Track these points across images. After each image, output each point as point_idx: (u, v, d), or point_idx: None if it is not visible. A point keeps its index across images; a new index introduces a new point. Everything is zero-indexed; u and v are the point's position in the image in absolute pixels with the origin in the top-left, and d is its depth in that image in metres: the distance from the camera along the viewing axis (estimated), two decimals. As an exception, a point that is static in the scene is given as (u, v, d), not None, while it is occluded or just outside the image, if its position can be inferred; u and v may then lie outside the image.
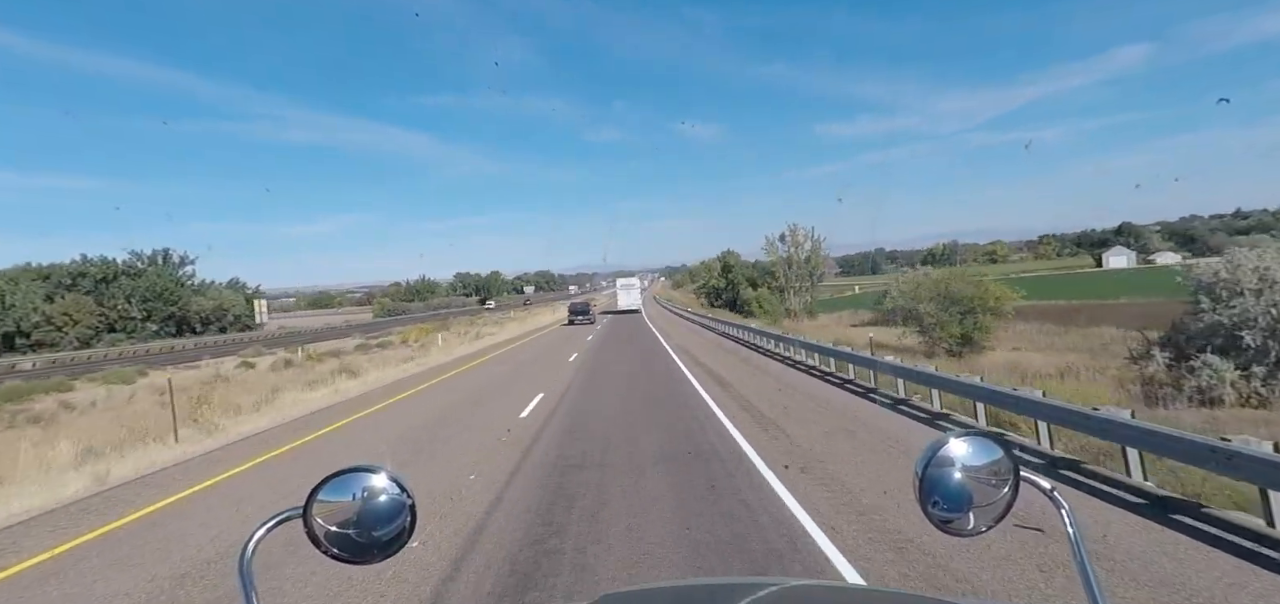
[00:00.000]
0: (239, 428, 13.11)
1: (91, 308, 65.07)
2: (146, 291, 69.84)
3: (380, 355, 30.05)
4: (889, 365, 12.11)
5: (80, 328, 62.91)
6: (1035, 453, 7.50)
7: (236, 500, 7.83)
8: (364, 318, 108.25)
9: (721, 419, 10.41)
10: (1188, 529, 5.05)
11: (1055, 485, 1.11)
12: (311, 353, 36.42)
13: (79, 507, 8.03)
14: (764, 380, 14.98)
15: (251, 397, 17.17)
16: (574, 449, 8.92)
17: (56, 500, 8.32)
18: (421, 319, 79.24)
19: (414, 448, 10.03)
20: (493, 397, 15.01)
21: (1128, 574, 4.36)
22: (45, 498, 8.40)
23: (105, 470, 9.57)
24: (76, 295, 65.02)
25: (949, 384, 9.71)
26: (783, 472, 7.21)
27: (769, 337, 22.63)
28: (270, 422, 13.78)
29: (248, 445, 11.41)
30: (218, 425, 13.08)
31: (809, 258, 59.75)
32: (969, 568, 4.54)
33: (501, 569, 5.01)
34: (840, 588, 2.86)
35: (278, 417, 14.40)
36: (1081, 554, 1.03)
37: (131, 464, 10.11)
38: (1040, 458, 7.34)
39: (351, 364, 24.91)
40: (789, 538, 5.32)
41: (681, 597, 1.59)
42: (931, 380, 10.25)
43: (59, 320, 62.15)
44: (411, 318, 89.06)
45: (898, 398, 11.42)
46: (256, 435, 12.39)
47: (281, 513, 1.06)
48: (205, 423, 13.11)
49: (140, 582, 5.39)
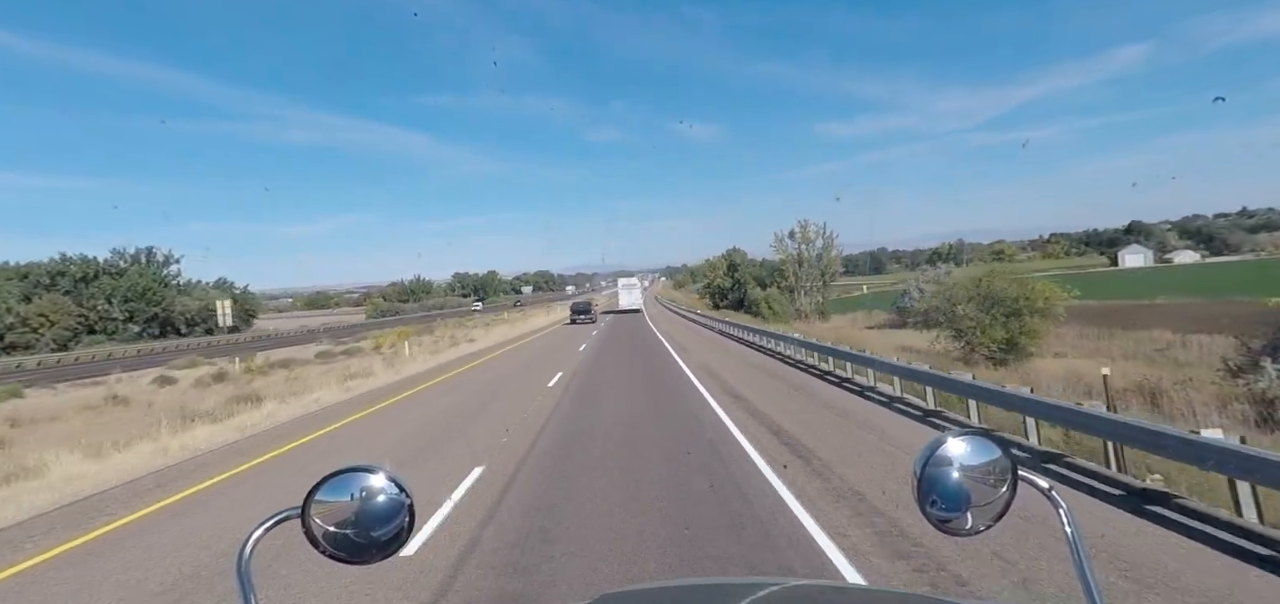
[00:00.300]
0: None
1: (70, 308, 62.43)
2: (128, 291, 67.23)
3: (330, 369, 25.12)
4: (1024, 399, 7.85)
5: (57, 329, 60.27)
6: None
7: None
8: (356, 319, 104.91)
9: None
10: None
11: (1053, 484, 1.11)
12: (254, 365, 31.36)
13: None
14: (854, 433, 8.95)
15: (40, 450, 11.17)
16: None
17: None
18: (412, 320, 75.68)
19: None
20: (410, 463, 8.78)
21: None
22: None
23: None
24: (54, 296, 62.45)
25: (1097, 423, 6.50)
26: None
27: (800, 345, 18.65)
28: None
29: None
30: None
31: (821, 255, 56.79)
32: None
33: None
34: (840, 588, 2.66)
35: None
36: (1079, 553, 1.04)
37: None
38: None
39: (272, 387, 20.19)
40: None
41: (680, 597, 1.57)
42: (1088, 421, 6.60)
43: (35, 322, 59.45)
44: (401, 319, 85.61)
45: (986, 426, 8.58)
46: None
47: (279, 513, 1.06)
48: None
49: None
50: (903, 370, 11.63)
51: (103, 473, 9.68)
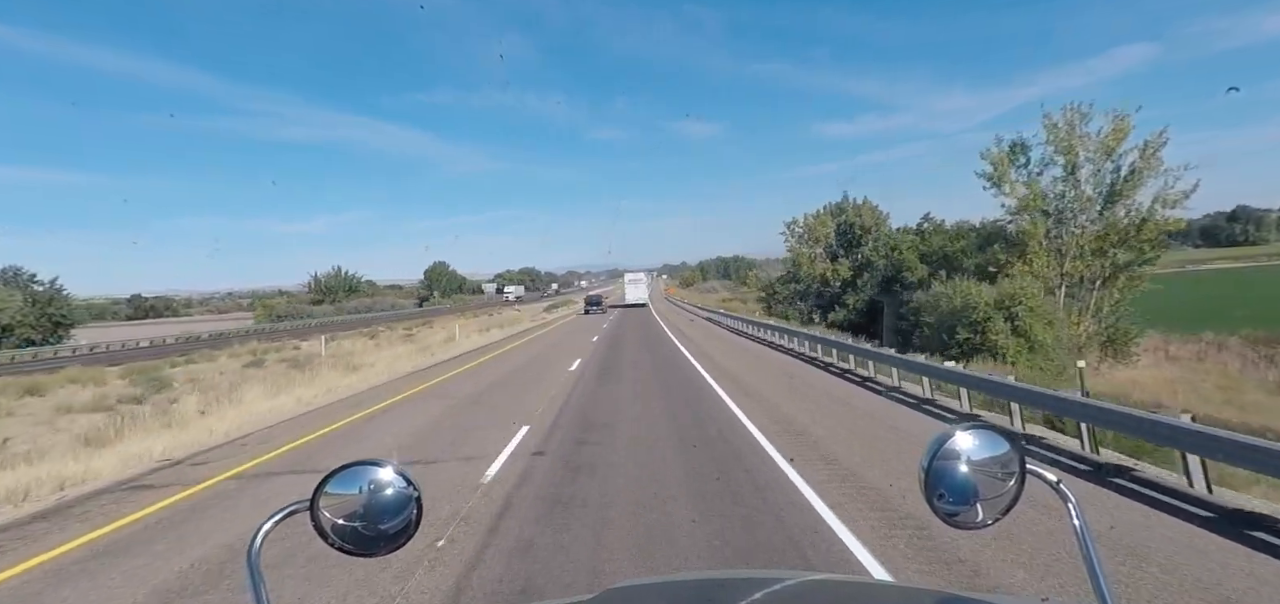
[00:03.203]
0: None
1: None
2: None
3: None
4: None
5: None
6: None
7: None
8: (219, 327, 69.82)
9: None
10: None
11: (1061, 477, 1.09)
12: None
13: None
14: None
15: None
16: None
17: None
18: (310, 330, 56.91)
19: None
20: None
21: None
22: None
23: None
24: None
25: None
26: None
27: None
28: None
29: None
30: None
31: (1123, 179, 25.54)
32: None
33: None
34: (852, 582, 2.29)
35: None
36: (1088, 546, 1.04)
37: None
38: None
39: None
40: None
41: (688, 590, 1.53)
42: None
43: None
44: (290, 329, 61.59)
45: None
46: None
47: (289, 506, 1.07)
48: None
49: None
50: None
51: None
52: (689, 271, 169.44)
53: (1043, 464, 1.51)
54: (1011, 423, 8.94)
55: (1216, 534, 4.94)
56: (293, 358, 29.96)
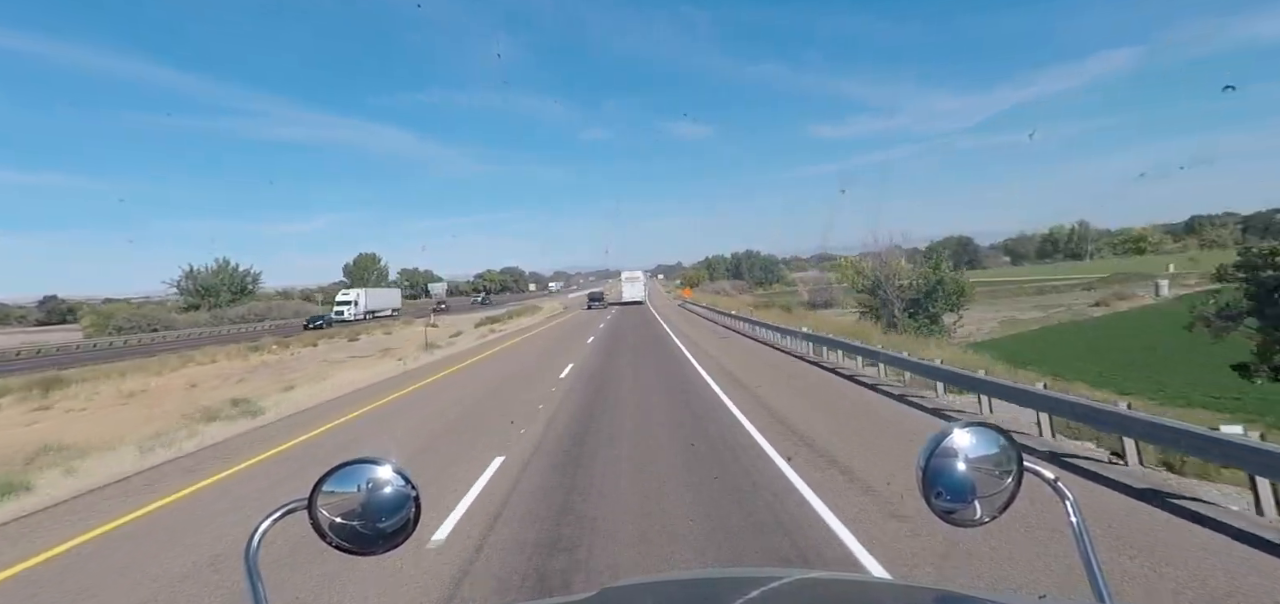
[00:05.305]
0: None
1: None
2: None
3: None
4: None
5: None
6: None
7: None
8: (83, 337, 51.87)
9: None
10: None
11: (1059, 475, 1.08)
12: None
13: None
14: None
15: None
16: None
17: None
18: (122, 351, 40.45)
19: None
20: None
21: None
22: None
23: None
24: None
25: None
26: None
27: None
28: None
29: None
30: None
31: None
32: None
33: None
34: (849, 580, 2.32)
35: None
36: (1085, 544, 1.04)
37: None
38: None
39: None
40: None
41: (685, 589, 1.54)
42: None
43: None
44: (97, 351, 42.53)
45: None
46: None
47: (287, 504, 1.06)
48: None
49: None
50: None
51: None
52: (694, 271, 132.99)
53: (1041, 461, 1.48)
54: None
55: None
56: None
